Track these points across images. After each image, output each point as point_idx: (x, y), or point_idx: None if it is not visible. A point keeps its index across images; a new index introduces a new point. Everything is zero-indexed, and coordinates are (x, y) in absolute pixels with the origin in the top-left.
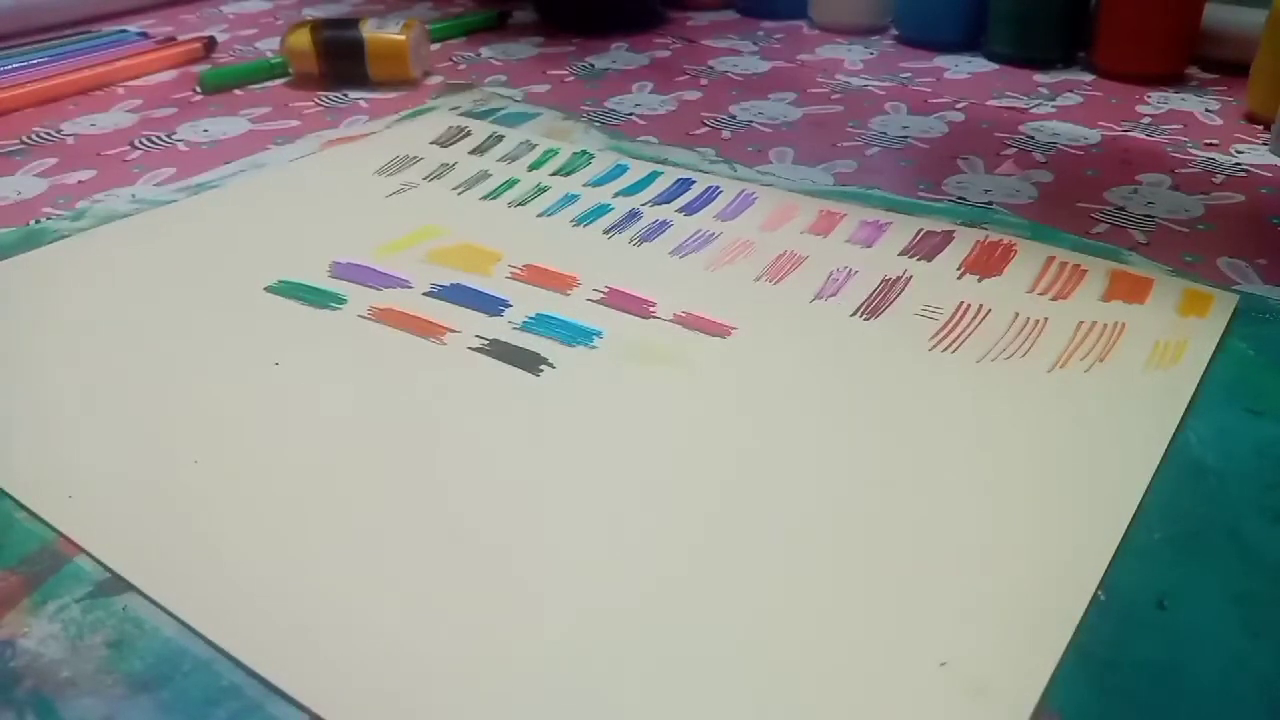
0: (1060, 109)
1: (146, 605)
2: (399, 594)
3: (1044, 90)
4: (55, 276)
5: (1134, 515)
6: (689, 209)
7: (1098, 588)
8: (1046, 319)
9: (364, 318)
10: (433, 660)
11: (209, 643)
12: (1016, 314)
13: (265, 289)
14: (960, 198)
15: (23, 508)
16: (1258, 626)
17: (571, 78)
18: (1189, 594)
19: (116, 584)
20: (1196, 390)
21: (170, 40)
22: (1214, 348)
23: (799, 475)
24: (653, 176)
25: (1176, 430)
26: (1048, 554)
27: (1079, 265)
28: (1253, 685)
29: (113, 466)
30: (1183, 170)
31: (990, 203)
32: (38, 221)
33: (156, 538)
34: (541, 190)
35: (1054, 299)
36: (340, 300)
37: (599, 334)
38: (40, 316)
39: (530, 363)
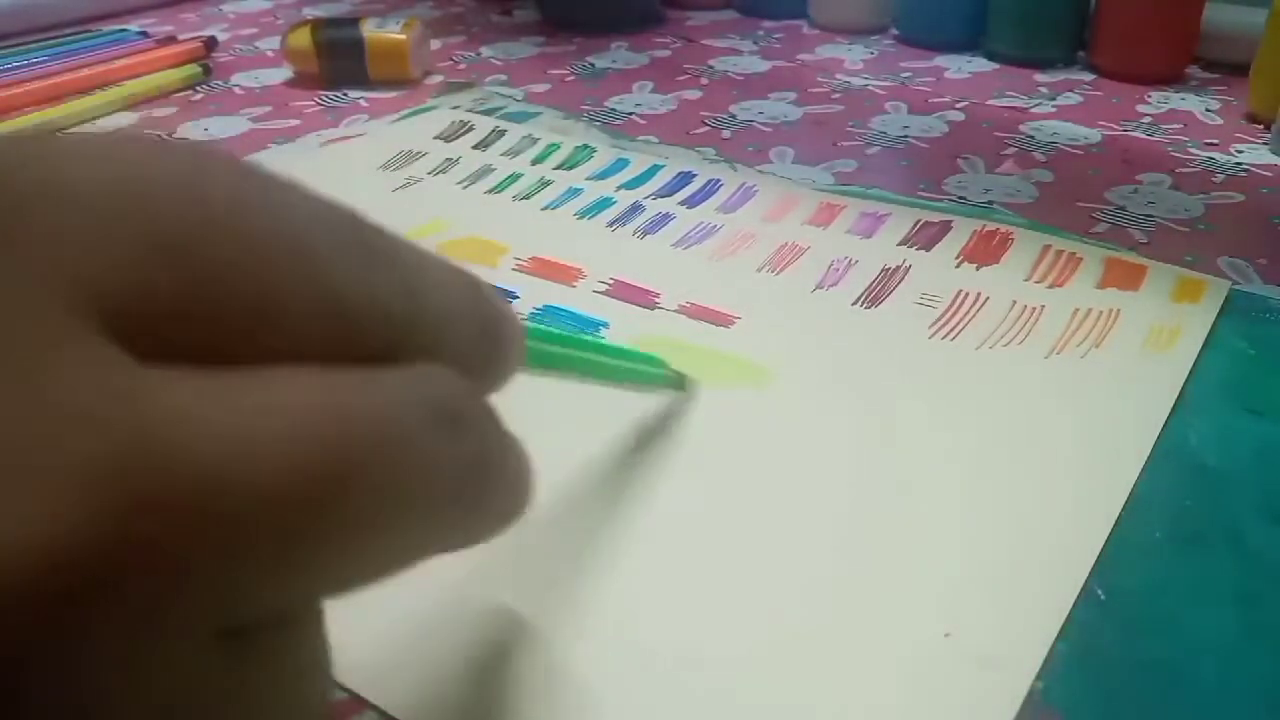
0: (1060, 109)
1: None
2: (396, 588)
3: (1044, 90)
4: None
5: (1133, 506)
6: (691, 201)
7: (1098, 586)
8: (1043, 306)
9: None
10: (428, 654)
11: None
12: (1014, 302)
13: None
14: (961, 197)
15: None
16: (1258, 626)
17: (572, 77)
18: (1189, 594)
19: None
20: (1195, 384)
21: (170, 39)
22: (1207, 333)
23: (803, 461)
24: (655, 170)
25: (1176, 426)
26: (1046, 533)
27: (1074, 254)
28: (1253, 685)
29: None
30: (1183, 170)
31: (990, 202)
32: None
33: None
34: (545, 184)
35: (1050, 287)
36: None
37: (605, 325)
38: None
39: None
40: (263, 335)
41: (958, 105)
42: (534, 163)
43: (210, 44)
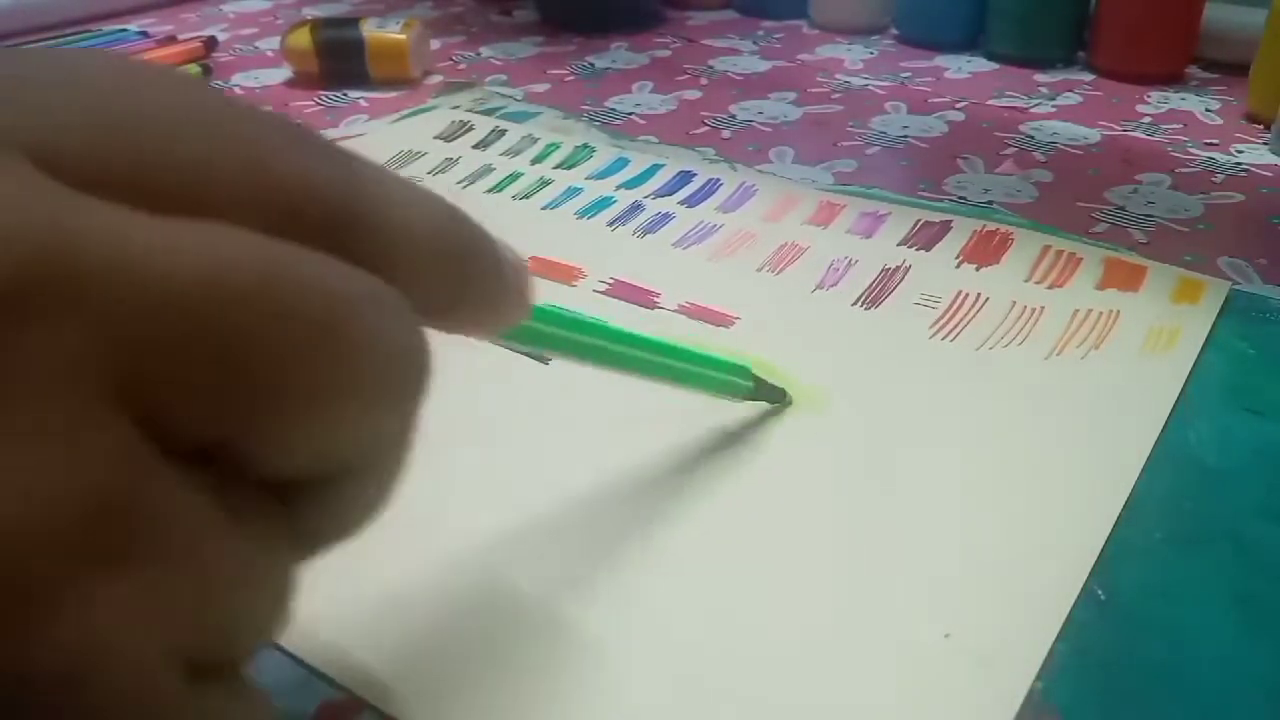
0: (1060, 108)
1: None
2: (414, 571)
3: (1044, 90)
4: None
5: (1133, 506)
6: (691, 201)
7: (1098, 586)
8: (1043, 307)
9: None
10: (428, 654)
11: None
12: (1014, 302)
13: None
14: (961, 197)
15: None
16: (1258, 626)
17: (572, 77)
18: (1189, 594)
19: None
20: (1195, 384)
21: (170, 39)
22: (1206, 334)
23: (802, 461)
24: (655, 169)
25: (1176, 426)
26: (1046, 533)
27: (1074, 254)
28: (1253, 685)
29: None
30: (1183, 170)
31: (990, 202)
32: None
33: None
34: (545, 184)
35: (1050, 287)
36: None
37: None
38: None
39: (539, 352)
40: (197, 191)
41: (958, 105)
42: (534, 162)
43: (210, 44)
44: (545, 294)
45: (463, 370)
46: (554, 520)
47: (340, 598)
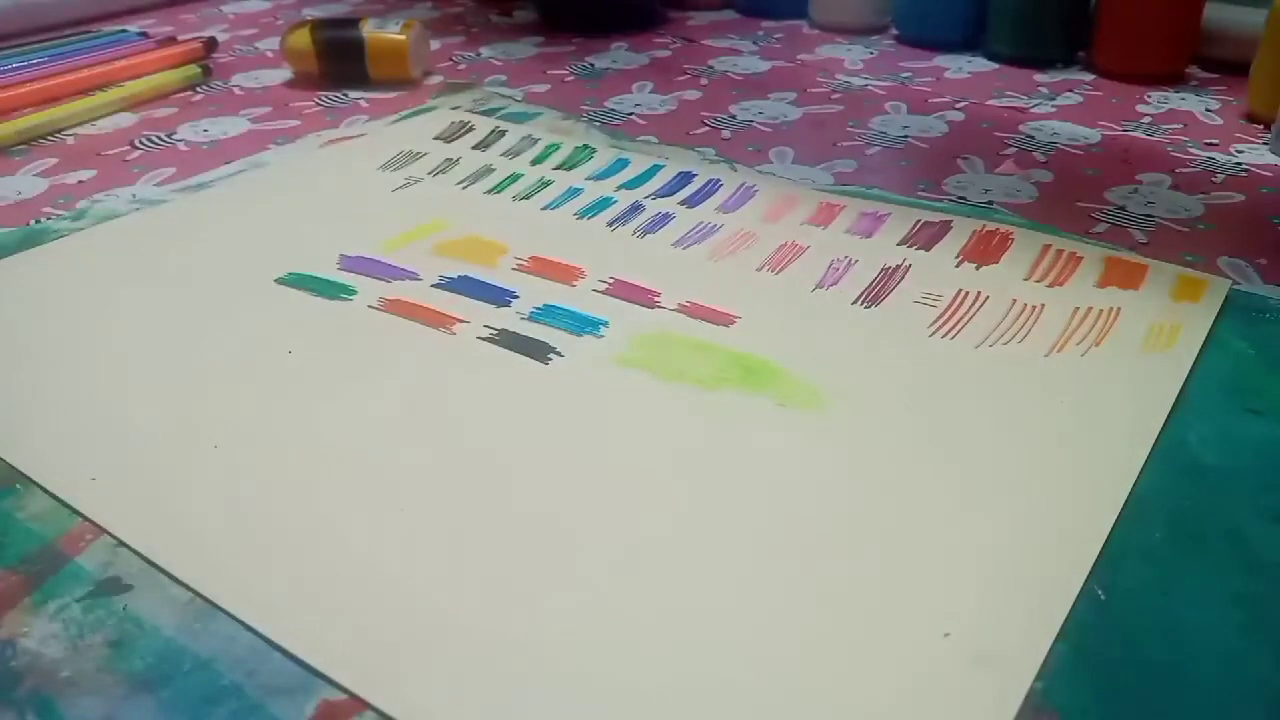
0: (1060, 108)
1: (147, 605)
2: (416, 571)
3: (1044, 90)
4: (62, 271)
5: (1133, 506)
6: (691, 201)
7: (1097, 586)
8: (1043, 305)
9: (374, 308)
10: (441, 640)
11: (230, 615)
12: (1014, 300)
13: (275, 280)
14: (960, 197)
15: (26, 505)
16: (1258, 626)
17: (571, 78)
18: (1189, 594)
19: (116, 584)
20: (1195, 384)
21: (170, 40)
22: (1207, 332)
23: (802, 460)
24: (655, 170)
25: (1176, 426)
26: (1046, 533)
27: (1074, 253)
28: (1253, 685)
29: (130, 455)
30: (1183, 170)
31: (990, 202)
32: (38, 221)
33: (177, 519)
34: (545, 184)
35: (1050, 285)
36: (350, 292)
37: (605, 324)
38: (50, 308)
39: (539, 351)
40: None
41: (958, 105)
42: (534, 163)
43: (210, 45)
44: (545, 294)
45: (464, 372)
46: (554, 519)
47: (340, 598)
